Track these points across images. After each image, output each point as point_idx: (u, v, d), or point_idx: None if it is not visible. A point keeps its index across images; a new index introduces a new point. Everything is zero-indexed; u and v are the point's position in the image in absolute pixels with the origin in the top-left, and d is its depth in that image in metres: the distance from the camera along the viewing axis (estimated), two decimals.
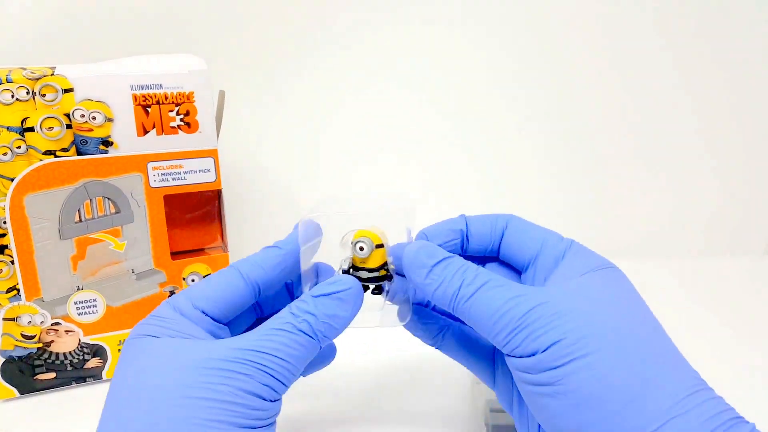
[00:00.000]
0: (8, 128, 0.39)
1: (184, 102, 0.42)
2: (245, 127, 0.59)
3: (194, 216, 0.47)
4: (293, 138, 0.62)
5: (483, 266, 0.31)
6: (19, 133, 0.39)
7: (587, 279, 0.29)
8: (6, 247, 0.40)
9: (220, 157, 0.44)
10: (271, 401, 0.27)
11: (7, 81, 0.38)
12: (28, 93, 0.39)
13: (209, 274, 0.46)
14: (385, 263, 0.31)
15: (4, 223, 0.40)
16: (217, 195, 0.47)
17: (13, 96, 0.39)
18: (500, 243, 0.34)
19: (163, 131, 0.42)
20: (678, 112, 0.64)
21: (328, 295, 0.28)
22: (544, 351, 0.25)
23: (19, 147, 0.39)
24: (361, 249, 0.30)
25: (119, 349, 0.45)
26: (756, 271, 0.67)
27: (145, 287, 0.44)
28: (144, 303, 0.45)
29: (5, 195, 0.40)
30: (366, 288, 0.31)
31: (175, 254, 0.45)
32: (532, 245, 0.32)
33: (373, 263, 0.31)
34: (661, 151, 0.66)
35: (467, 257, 0.31)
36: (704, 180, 0.67)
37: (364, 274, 0.31)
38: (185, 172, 0.43)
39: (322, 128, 0.62)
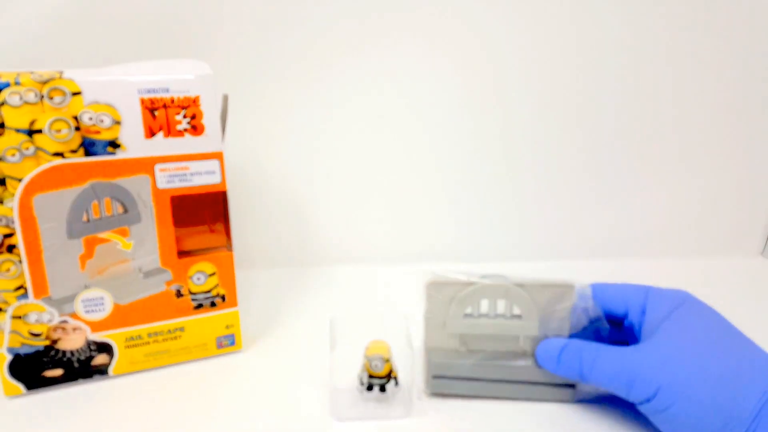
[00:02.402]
0: (17, 130, 0.39)
1: (190, 105, 0.43)
2: (250, 130, 0.60)
3: (200, 217, 0.48)
4: (296, 140, 0.63)
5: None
6: (28, 135, 0.40)
7: (667, 327, 0.39)
8: (14, 246, 0.41)
9: (225, 160, 0.45)
10: None
11: (16, 84, 0.39)
12: (36, 96, 0.39)
13: (213, 273, 0.47)
14: (390, 371, 0.43)
15: (13, 223, 0.41)
16: (222, 196, 0.47)
17: (21, 99, 0.39)
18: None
19: (170, 134, 0.43)
20: (677, 112, 0.65)
21: None
22: (651, 400, 0.37)
23: (27, 148, 0.40)
24: (377, 366, 0.42)
25: (126, 347, 0.46)
26: (753, 272, 0.68)
27: (152, 285, 0.45)
28: (150, 301, 0.45)
29: (14, 195, 0.40)
30: (371, 387, 0.43)
31: (181, 254, 0.46)
32: (620, 304, 0.43)
33: (383, 373, 0.43)
34: (658, 151, 0.66)
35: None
36: (702, 180, 0.68)
37: (376, 381, 0.43)
38: (191, 174, 0.44)
39: (325, 130, 0.62)
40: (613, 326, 0.44)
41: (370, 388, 0.43)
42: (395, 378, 0.43)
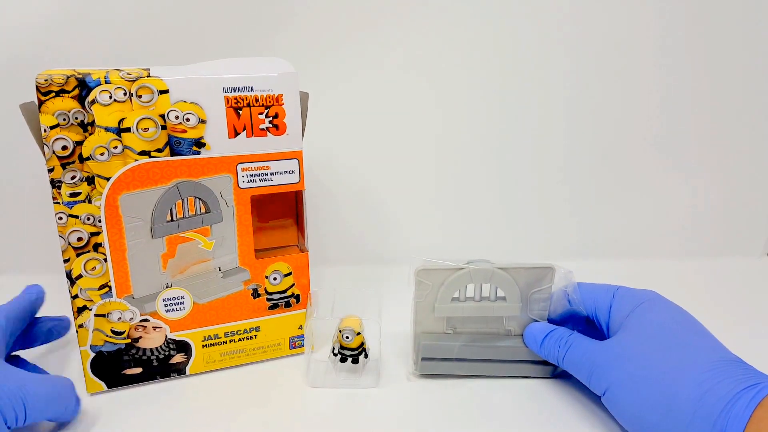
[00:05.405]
0: (106, 128, 0.39)
1: (273, 104, 0.43)
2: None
3: (273, 214, 0.47)
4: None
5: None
6: (116, 134, 0.40)
7: (626, 326, 0.40)
8: (100, 245, 0.41)
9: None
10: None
11: (106, 82, 0.39)
12: (125, 94, 0.39)
13: (289, 273, 0.47)
14: (362, 344, 0.45)
15: (99, 221, 0.41)
16: (299, 195, 0.47)
17: (111, 97, 0.39)
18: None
19: (252, 133, 0.43)
20: (678, 112, 0.64)
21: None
22: (604, 395, 0.39)
23: (115, 147, 0.40)
24: (347, 338, 0.44)
25: (203, 346, 0.46)
26: (755, 272, 0.67)
27: (231, 285, 0.45)
28: (228, 300, 0.45)
29: (101, 194, 0.40)
30: (345, 359, 0.45)
31: (257, 252, 0.46)
32: (589, 303, 0.44)
33: (354, 345, 0.45)
34: (661, 151, 0.66)
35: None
36: (705, 181, 0.68)
37: (348, 352, 0.45)
38: (272, 174, 0.44)
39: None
40: (591, 323, 0.45)
41: (344, 359, 0.45)
42: (365, 350, 0.45)
